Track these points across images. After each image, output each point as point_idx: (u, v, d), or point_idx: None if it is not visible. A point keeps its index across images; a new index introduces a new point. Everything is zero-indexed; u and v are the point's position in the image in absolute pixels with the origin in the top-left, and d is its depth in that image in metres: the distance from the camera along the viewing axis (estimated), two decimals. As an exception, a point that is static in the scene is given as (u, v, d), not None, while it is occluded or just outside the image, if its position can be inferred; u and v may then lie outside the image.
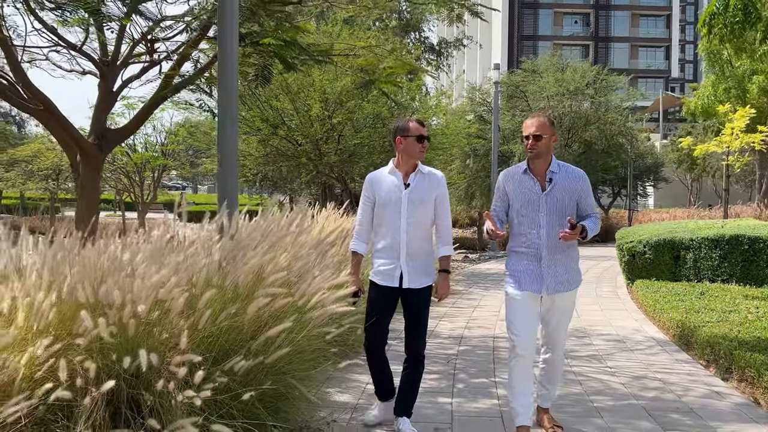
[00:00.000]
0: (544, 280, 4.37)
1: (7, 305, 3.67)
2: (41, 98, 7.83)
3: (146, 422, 3.47)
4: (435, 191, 4.56)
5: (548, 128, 4.37)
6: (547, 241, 4.34)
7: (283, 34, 6.75)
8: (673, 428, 4.80)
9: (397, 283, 4.51)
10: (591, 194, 4.51)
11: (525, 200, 4.39)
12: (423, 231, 4.55)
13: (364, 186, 4.71)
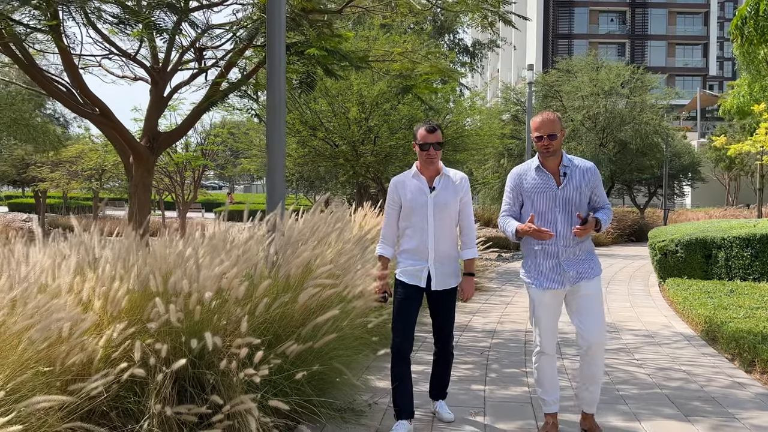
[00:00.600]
0: (565, 274, 4.37)
1: (86, 294, 4.11)
2: (98, 104, 8.33)
3: (210, 398, 3.89)
4: (459, 194, 4.63)
5: (559, 125, 4.36)
6: (563, 236, 4.34)
7: (325, 43, 7.14)
8: (694, 414, 5.10)
9: (425, 283, 4.58)
10: (602, 186, 4.51)
11: (540, 197, 4.39)
12: (449, 233, 4.61)
13: (389, 190, 4.74)
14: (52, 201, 47.97)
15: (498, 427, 4.78)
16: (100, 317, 4.08)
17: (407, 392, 4.57)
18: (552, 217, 4.37)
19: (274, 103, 5.85)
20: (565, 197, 4.37)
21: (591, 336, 4.38)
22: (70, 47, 7.97)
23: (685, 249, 12.71)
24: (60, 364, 3.77)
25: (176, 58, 8.81)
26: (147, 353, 3.87)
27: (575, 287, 4.40)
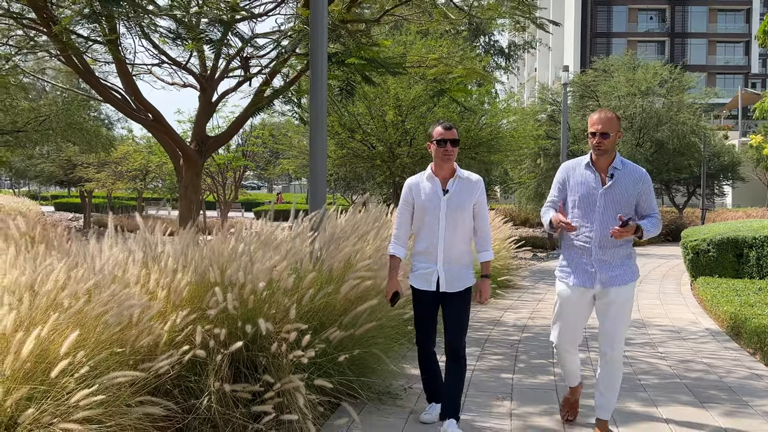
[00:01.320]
0: (597, 275, 4.34)
1: (152, 285, 4.61)
2: (151, 110, 8.89)
3: (262, 378, 4.36)
4: (473, 196, 4.60)
5: (615, 125, 4.31)
6: (599, 237, 4.30)
7: (364, 52, 7.59)
8: (709, 401, 5.43)
9: (435, 287, 4.58)
10: (652, 195, 4.43)
11: (583, 194, 4.37)
12: (461, 236, 4.59)
13: (404, 191, 4.74)
14: (97, 201, 49.20)
15: (523, 410, 5.17)
16: (164, 305, 4.57)
17: (436, 381, 4.78)
18: (592, 217, 4.34)
19: (316, 111, 6.31)
20: (608, 199, 4.32)
21: (607, 345, 4.40)
22: (126, 58, 8.53)
23: (716, 248, 12.91)
24: (130, 346, 4.26)
25: (223, 65, 9.33)
26: (206, 337, 4.35)
27: (604, 291, 4.37)
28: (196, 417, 4.35)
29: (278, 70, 8.92)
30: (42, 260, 4.40)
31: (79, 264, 4.48)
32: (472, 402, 5.31)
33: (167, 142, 9.21)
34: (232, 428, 4.30)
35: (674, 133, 26.73)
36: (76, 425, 3.49)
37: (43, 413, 3.59)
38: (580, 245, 4.40)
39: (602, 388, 4.50)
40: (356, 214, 5.81)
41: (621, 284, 4.36)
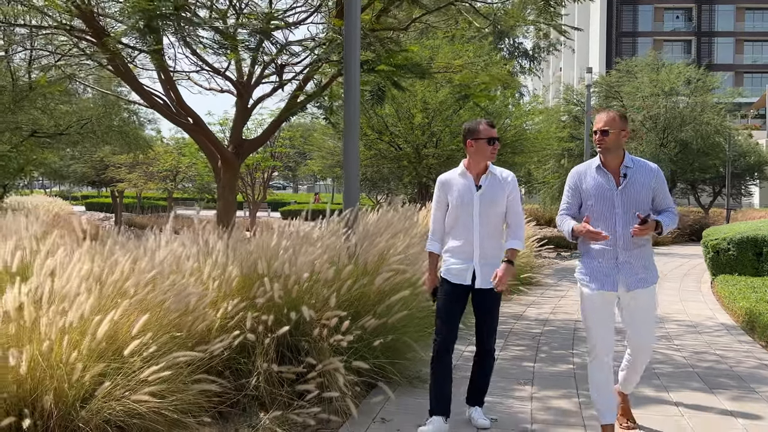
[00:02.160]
0: (621, 278, 4.29)
1: (206, 276, 5.10)
2: (191, 114, 9.40)
3: (305, 360, 4.82)
4: (506, 192, 4.63)
5: (617, 123, 4.30)
6: (622, 238, 4.25)
7: (393, 59, 8.04)
8: (718, 388, 5.81)
9: (470, 282, 4.59)
10: (666, 189, 4.41)
11: (599, 197, 4.32)
12: (495, 231, 4.64)
13: (436, 188, 4.77)
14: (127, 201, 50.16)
15: (543, 394, 5.59)
16: (217, 295, 5.05)
17: (446, 388, 4.59)
18: (611, 219, 4.29)
19: (350, 116, 6.77)
20: (625, 198, 4.28)
21: (639, 344, 4.42)
22: (170, 67, 9.05)
23: (736, 247, 13.19)
24: (187, 330, 4.75)
25: (258, 72, 9.82)
26: (255, 323, 4.83)
27: (629, 294, 4.32)
28: (245, 395, 4.83)
29: (311, 76, 9.40)
30: (109, 254, 4.90)
31: (139, 258, 4.98)
32: (495, 386, 5.74)
33: (206, 145, 9.72)
34: (278, 405, 4.77)
35: (698, 134, 26.90)
36: (147, 397, 3.98)
37: (116, 387, 4.08)
38: (601, 248, 4.32)
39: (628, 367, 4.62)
40: (387, 213, 6.27)
41: (645, 286, 4.31)
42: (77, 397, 4.04)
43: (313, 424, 4.63)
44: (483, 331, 4.71)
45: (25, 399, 3.96)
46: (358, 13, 6.97)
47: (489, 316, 4.68)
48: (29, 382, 3.98)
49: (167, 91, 9.40)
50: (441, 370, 4.60)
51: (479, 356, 4.78)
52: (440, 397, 4.57)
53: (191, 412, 4.42)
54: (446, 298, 4.67)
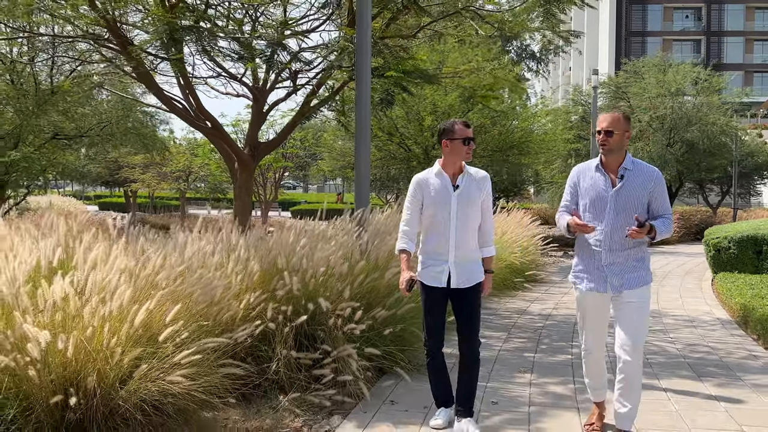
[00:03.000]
0: (608, 279, 4.32)
1: (229, 270, 5.54)
2: (210, 118, 9.86)
3: (320, 347, 5.26)
4: (482, 192, 4.64)
5: (621, 124, 4.29)
6: (609, 239, 4.28)
7: (402, 66, 8.46)
8: (706, 376, 6.21)
9: (445, 283, 4.59)
10: (665, 195, 4.38)
11: (594, 196, 4.35)
12: (471, 232, 4.63)
13: (411, 187, 4.73)
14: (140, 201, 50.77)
15: (541, 381, 6.01)
16: (240, 287, 5.49)
17: (443, 384, 4.81)
18: (604, 219, 4.31)
19: (361, 122, 7.20)
20: (619, 200, 4.29)
21: (625, 352, 4.25)
22: (189, 74, 9.51)
23: (737, 245, 13.55)
24: (213, 319, 5.19)
25: (273, 78, 10.26)
26: (275, 313, 5.27)
27: (619, 295, 4.33)
28: (266, 379, 5.27)
29: (323, 81, 9.84)
30: (141, 250, 5.35)
31: (168, 254, 5.43)
32: (497, 374, 6.17)
33: (224, 148, 10.18)
34: (297, 388, 5.21)
35: (703, 134, 27.18)
36: (179, 378, 4.42)
37: (151, 369, 4.52)
38: (592, 249, 4.37)
39: (622, 399, 4.34)
40: (396, 213, 6.70)
41: (633, 287, 4.29)
42: (117, 378, 4.49)
43: (329, 405, 5.08)
44: (465, 334, 4.65)
45: (71, 379, 4.41)
46: (369, 23, 7.39)
47: (469, 317, 4.64)
48: (74, 364, 4.42)
49: (186, 95, 9.85)
50: (435, 368, 4.80)
51: (464, 363, 4.70)
52: (441, 391, 4.83)
53: (218, 393, 4.87)
54: (425, 305, 4.70)
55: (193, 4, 8.74)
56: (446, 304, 4.71)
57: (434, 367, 4.81)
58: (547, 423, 4.88)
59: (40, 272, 5.04)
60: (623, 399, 4.33)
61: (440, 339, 4.77)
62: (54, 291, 4.47)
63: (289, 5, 9.61)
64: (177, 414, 4.65)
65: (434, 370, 4.82)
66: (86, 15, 8.20)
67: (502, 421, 4.92)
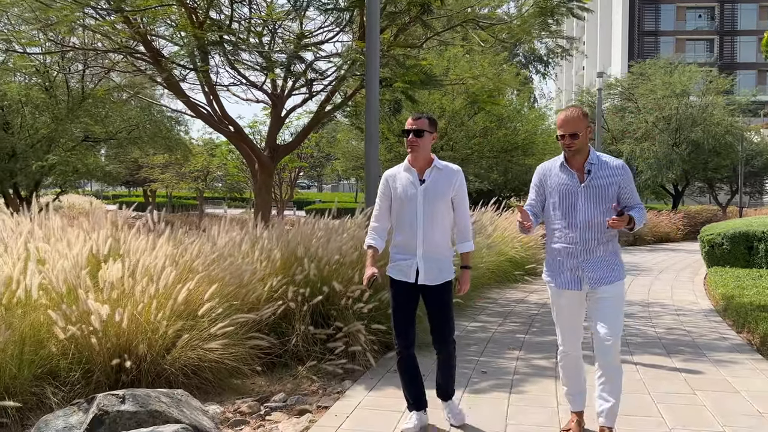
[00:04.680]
0: (584, 275, 4.28)
1: (255, 258, 6.40)
2: (233, 123, 10.74)
3: (333, 324, 6.11)
4: (452, 187, 4.54)
5: (582, 123, 4.22)
6: (584, 235, 4.25)
7: (408, 76, 9.29)
8: (675, 353, 7.00)
9: (414, 278, 4.53)
10: (633, 186, 4.34)
11: (563, 194, 4.30)
12: (440, 227, 4.53)
13: (381, 183, 4.71)
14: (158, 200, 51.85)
15: (528, 356, 6.82)
16: (264, 273, 6.35)
17: (415, 385, 4.63)
18: (574, 216, 4.27)
19: (370, 127, 8.03)
20: (588, 196, 4.25)
21: (601, 352, 4.24)
22: (215, 83, 10.39)
23: (730, 241, 14.29)
24: (242, 299, 6.05)
25: (291, 85, 11.13)
26: (295, 295, 6.12)
27: (594, 291, 4.29)
28: (286, 351, 6.13)
29: (337, 89, 10.70)
30: (180, 240, 6.22)
31: (203, 244, 6.30)
32: (489, 350, 6.99)
33: (245, 150, 11.06)
34: (313, 359, 6.07)
35: (708, 134, 27.82)
36: (216, 345, 5.28)
37: (192, 339, 5.38)
38: (564, 247, 4.33)
39: (604, 393, 4.29)
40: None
41: (609, 283, 4.27)
42: (163, 347, 5.35)
43: (341, 372, 5.93)
44: (439, 332, 4.62)
45: (125, 347, 5.27)
46: (378, 38, 8.21)
47: (439, 314, 4.59)
48: (127, 334, 5.28)
49: (210, 102, 10.73)
50: (406, 367, 4.61)
51: (440, 358, 4.71)
52: (412, 393, 4.65)
53: (246, 362, 5.73)
54: (395, 302, 4.61)
55: (219, 19, 9.61)
56: (416, 300, 4.62)
57: (404, 367, 4.61)
58: (527, 387, 5.70)
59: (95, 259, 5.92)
60: (605, 394, 4.27)
61: (409, 337, 4.60)
62: (111, 273, 5.34)
63: (305, 19, 10.45)
64: (213, 379, 5.51)
65: (405, 369, 4.62)
66: (123, 31, 9.08)
67: (488, 385, 5.74)
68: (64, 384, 5.05)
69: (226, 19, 9.72)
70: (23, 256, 5.68)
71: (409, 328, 4.61)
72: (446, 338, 4.62)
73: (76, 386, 5.10)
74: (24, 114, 13.23)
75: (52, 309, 5.08)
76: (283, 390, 5.61)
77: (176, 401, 4.10)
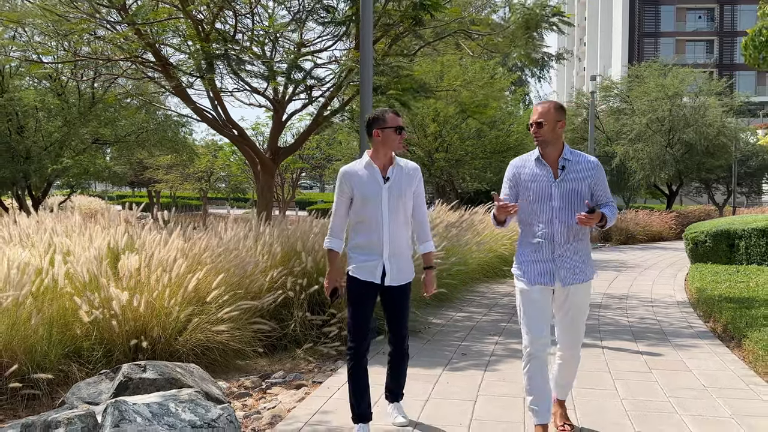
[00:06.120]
0: (557, 272, 4.25)
1: (258, 251, 7.07)
2: (237, 127, 11.40)
3: (328, 311, 6.77)
4: (413, 184, 4.48)
5: (552, 114, 4.22)
6: (559, 230, 4.23)
7: (401, 84, 9.95)
8: (641, 339, 7.65)
9: (379, 279, 4.39)
10: (606, 183, 4.36)
11: (537, 188, 4.27)
12: (404, 225, 4.45)
13: (339, 180, 4.46)
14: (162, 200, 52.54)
15: (506, 341, 7.47)
16: (266, 265, 7.02)
17: (363, 396, 4.45)
18: (548, 211, 4.25)
19: (364, 135, 8.67)
20: (562, 191, 4.24)
21: (566, 347, 4.36)
22: (222, 90, 11.07)
23: (712, 239, 14.94)
24: (245, 289, 6.72)
25: (291, 91, 11.79)
26: (293, 285, 6.79)
27: (565, 289, 4.29)
28: (285, 335, 6.80)
29: (334, 95, 11.36)
30: (190, 236, 6.89)
31: (210, 239, 6.97)
32: (472, 336, 7.65)
33: (248, 153, 11.72)
34: (309, 342, 6.73)
35: (700, 135, 28.45)
36: (223, 327, 5.95)
37: (201, 323, 6.05)
38: (538, 242, 4.29)
39: (559, 376, 4.54)
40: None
41: (581, 282, 4.28)
42: (175, 330, 6.02)
43: (335, 354, 6.60)
44: (397, 332, 4.53)
45: (141, 329, 5.94)
46: (371, 49, 8.86)
47: (402, 316, 4.51)
48: (144, 318, 5.95)
49: (215, 107, 11.40)
50: (357, 375, 4.44)
51: (394, 357, 4.62)
52: (361, 404, 4.44)
53: (249, 345, 6.39)
54: (357, 301, 4.43)
55: (224, 30, 10.28)
56: (375, 300, 4.50)
57: (356, 374, 4.43)
58: (501, 366, 6.36)
59: (112, 252, 6.60)
60: (561, 379, 4.55)
61: (366, 340, 4.44)
62: (129, 264, 6.01)
63: (305, 29, 11.12)
64: (220, 359, 6.18)
65: (356, 377, 4.43)
66: (135, 42, 9.76)
67: (466, 364, 6.40)
68: (88, 362, 5.71)
69: (230, 29, 10.38)
70: (50, 249, 6.36)
71: (367, 330, 4.44)
72: (404, 338, 4.55)
73: (98, 364, 5.76)
74: (39, 118, 13.94)
75: (77, 296, 5.74)
76: (282, 369, 6.27)
77: (189, 372, 4.76)
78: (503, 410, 5.07)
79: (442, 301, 9.72)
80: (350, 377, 4.44)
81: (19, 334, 5.30)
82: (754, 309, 8.33)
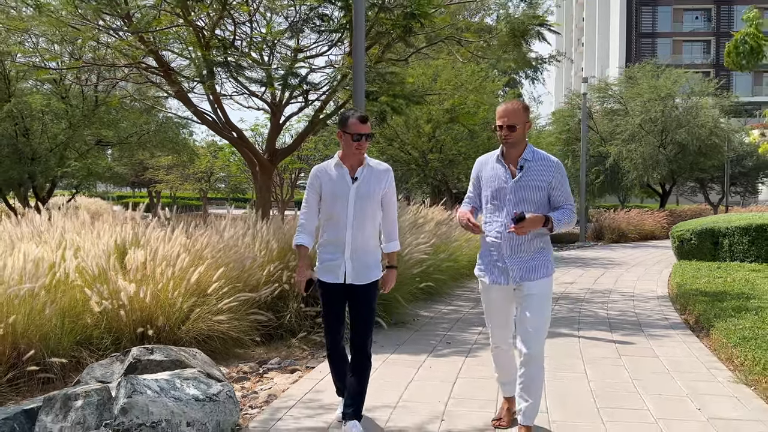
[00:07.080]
0: (509, 271, 4.29)
1: (256, 248, 7.54)
2: (236, 129, 11.87)
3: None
4: (383, 185, 4.46)
5: (521, 116, 4.20)
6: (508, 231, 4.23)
7: (392, 90, 10.42)
8: (617, 329, 8.12)
9: (342, 279, 4.43)
10: (565, 184, 4.31)
11: (495, 187, 4.31)
12: (370, 225, 4.44)
13: (309, 179, 4.52)
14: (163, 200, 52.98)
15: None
16: (263, 260, 7.49)
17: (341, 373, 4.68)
18: (503, 210, 4.29)
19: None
20: (518, 191, 4.25)
21: (524, 344, 4.25)
22: (221, 94, 11.54)
23: (697, 237, 15.43)
24: (244, 282, 7.19)
25: (288, 95, 12.26)
26: (289, 279, 7.26)
27: (520, 287, 4.28)
28: (281, 325, 7.27)
29: (329, 100, 11.84)
30: (192, 233, 7.36)
31: (211, 235, 7.44)
32: (457, 327, 8.12)
33: (247, 154, 12.19)
34: (303, 331, 7.21)
35: (692, 135, 28.94)
36: (223, 317, 6.42)
37: (202, 313, 6.52)
38: (492, 241, 4.34)
39: (523, 393, 4.32)
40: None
41: (534, 279, 4.26)
42: (178, 320, 6.49)
43: (327, 342, 7.07)
44: (358, 331, 4.44)
45: (147, 319, 6.40)
46: (363, 57, 9.33)
47: (363, 314, 4.46)
48: (149, 308, 6.42)
49: (215, 110, 11.87)
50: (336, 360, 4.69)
51: (354, 362, 4.47)
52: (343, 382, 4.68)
53: (247, 334, 6.86)
54: (326, 302, 4.54)
55: (223, 37, 10.75)
56: (345, 301, 4.54)
57: (333, 358, 4.71)
58: (481, 353, 6.83)
59: (119, 247, 7.07)
60: (525, 393, 4.31)
61: (339, 337, 4.61)
62: (136, 258, 6.48)
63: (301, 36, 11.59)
64: (220, 348, 6.64)
65: (334, 360, 4.72)
66: (138, 49, 10.23)
67: (449, 352, 6.88)
68: (98, 349, 6.17)
69: (230, 35, 10.85)
70: (61, 245, 6.83)
71: (340, 328, 4.58)
72: (366, 341, 4.45)
73: (108, 351, 6.23)
74: (45, 122, 14.42)
75: (87, 288, 6.21)
76: (278, 356, 6.74)
77: (193, 356, 5.23)
78: (480, 390, 5.55)
79: (431, 295, 10.21)
80: (329, 361, 4.77)
81: (35, 323, 5.77)
82: (726, 302, 8.80)
